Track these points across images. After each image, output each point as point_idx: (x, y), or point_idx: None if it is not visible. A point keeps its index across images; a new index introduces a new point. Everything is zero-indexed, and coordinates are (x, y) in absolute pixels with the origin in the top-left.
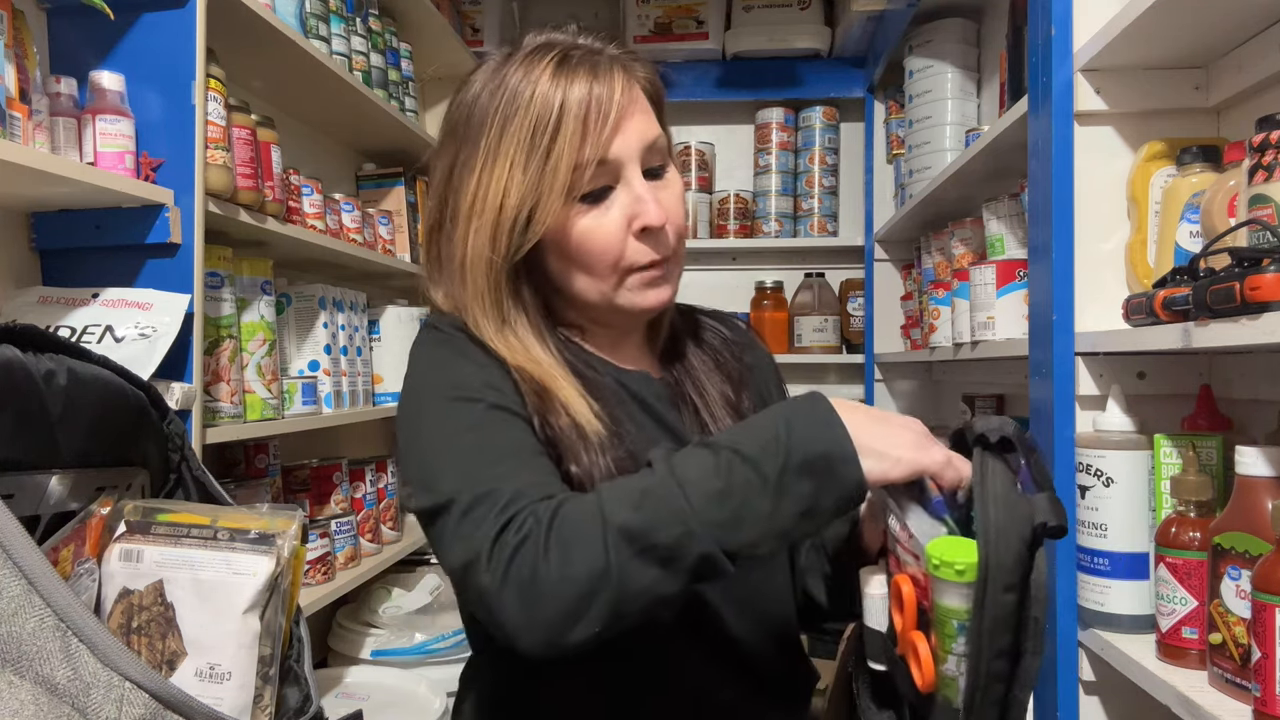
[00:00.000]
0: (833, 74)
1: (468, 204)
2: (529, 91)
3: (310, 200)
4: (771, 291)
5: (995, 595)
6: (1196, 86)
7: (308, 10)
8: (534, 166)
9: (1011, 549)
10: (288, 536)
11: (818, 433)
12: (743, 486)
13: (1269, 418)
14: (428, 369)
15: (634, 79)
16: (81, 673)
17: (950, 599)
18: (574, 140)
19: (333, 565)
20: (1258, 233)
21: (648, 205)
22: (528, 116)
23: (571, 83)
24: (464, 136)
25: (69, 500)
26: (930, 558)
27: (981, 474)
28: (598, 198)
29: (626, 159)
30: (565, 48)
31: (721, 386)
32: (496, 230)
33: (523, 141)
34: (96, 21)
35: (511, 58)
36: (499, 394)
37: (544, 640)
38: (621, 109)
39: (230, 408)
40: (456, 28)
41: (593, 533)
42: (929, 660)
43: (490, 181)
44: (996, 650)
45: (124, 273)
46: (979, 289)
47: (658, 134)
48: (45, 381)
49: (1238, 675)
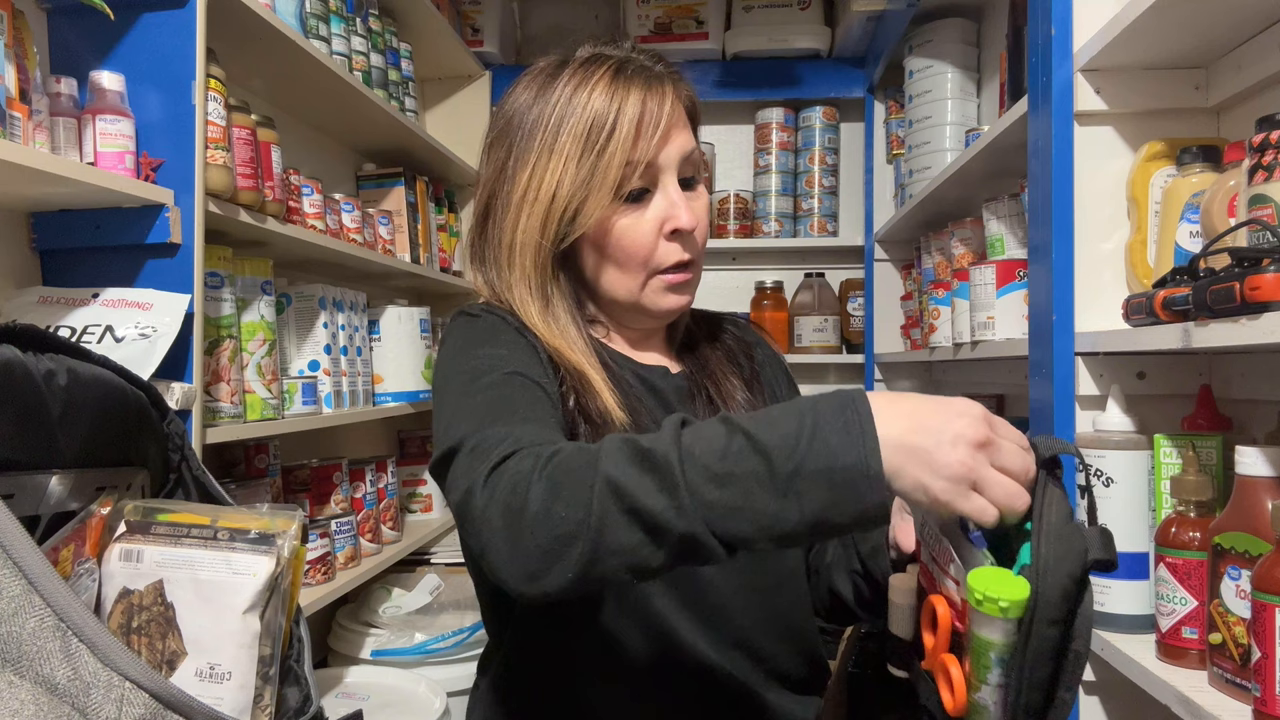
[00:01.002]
0: (832, 74)
1: (520, 193)
2: (586, 95)
3: (310, 200)
4: (771, 291)
5: (1040, 630)
6: (1196, 86)
7: (308, 10)
8: (587, 163)
9: (1060, 586)
10: (288, 536)
11: (844, 442)
12: (748, 476)
13: (1269, 418)
14: (456, 347)
15: (679, 96)
16: (81, 673)
17: (990, 632)
18: (626, 143)
19: (333, 565)
20: (1258, 233)
21: (680, 210)
22: (585, 116)
23: (628, 90)
24: (519, 134)
25: (69, 500)
26: (973, 591)
27: (1041, 505)
28: (637, 198)
29: (667, 166)
30: (620, 60)
31: (735, 381)
32: (547, 218)
33: (579, 138)
34: (96, 21)
35: (565, 67)
36: (523, 365)
37: (523, 574)
38: (670, 120)
39: (230, 408)
40: (456, 28)
41: (584, 477)
42: (961, 686)
43: (545, 173)
44: (1034, 683)
45: (124, 273)
46: (979, 289)
47: (694, 147)
48: (45, 381)
49: (1238, 675)
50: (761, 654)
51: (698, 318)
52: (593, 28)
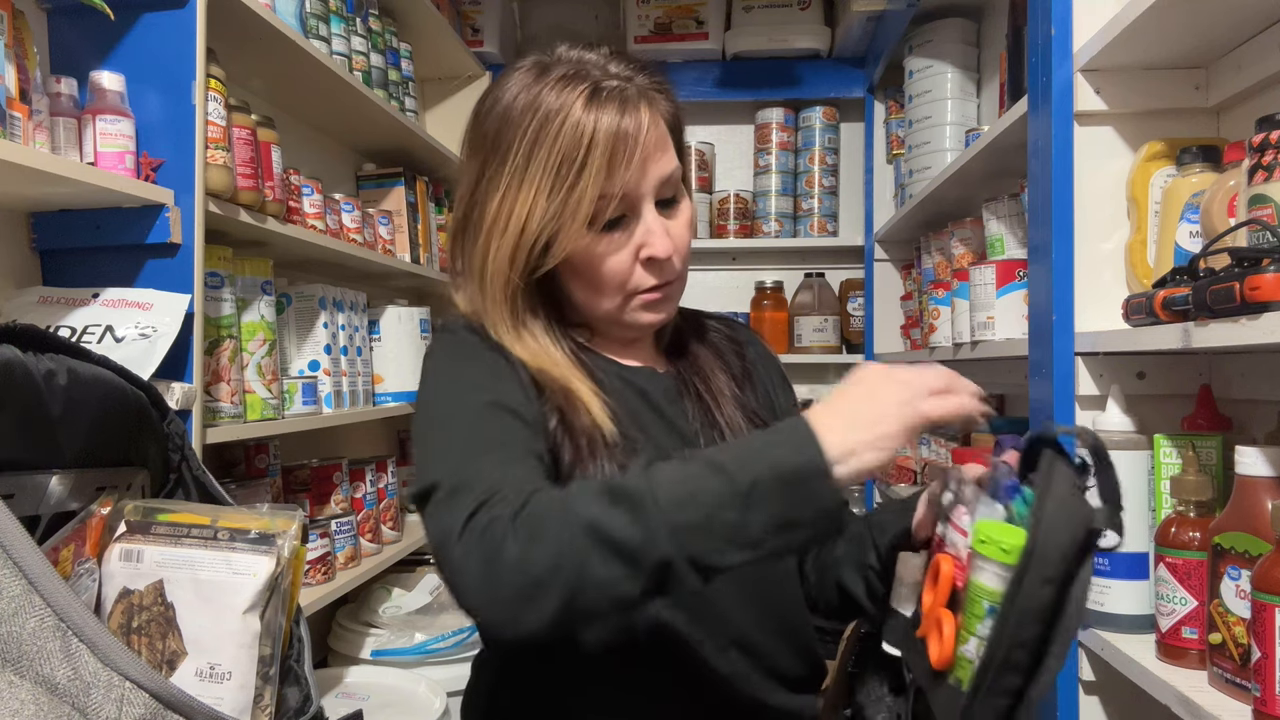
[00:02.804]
0: (833, 74)
1: (490, 220)
2: (559, 120)
3: (310, 200)
4: (771, 291)
5: (1032, 583)
6: (1196, 86)
7: (308, 10)
8: (558, 197)
9: (1059, 544)
10: (288, 536)
11: (792, 449)
12: (712, 494)
13: (1269, 418)
14: (436, 373)
15: (658, 112)
16: (82, 673)
17: (987, 578)
18: (599, 177)
19: (333, 565)
20: (1258, 233)
21: (656, 239)
22: (556, 146)
23: (601, 117)
24: (492, 149)
25: (69, 500)
26: (978, 531)
27: (1047, 471)
28: (612, 226)
29: (645, 195)
30: (597, 80)
31: (726, 378)
32: (516, 250)
33: (549, 170)
34: (96, 21)
35: (546, 74)
36: (502, 394)
37: (500, 620)
38: (645, 148)
39: (230, 408)
40: (456, 28)
41: (558, 521)
42: (950, 637)
43: (514, 203)
44: (1020, 640)
45: (124, 273)
46: (979, 289)
47: (674, 168)
48: (45, 381)
49: (1237, 675)
50: (759, 652)
51: (688, 316)
52: (593, 28)
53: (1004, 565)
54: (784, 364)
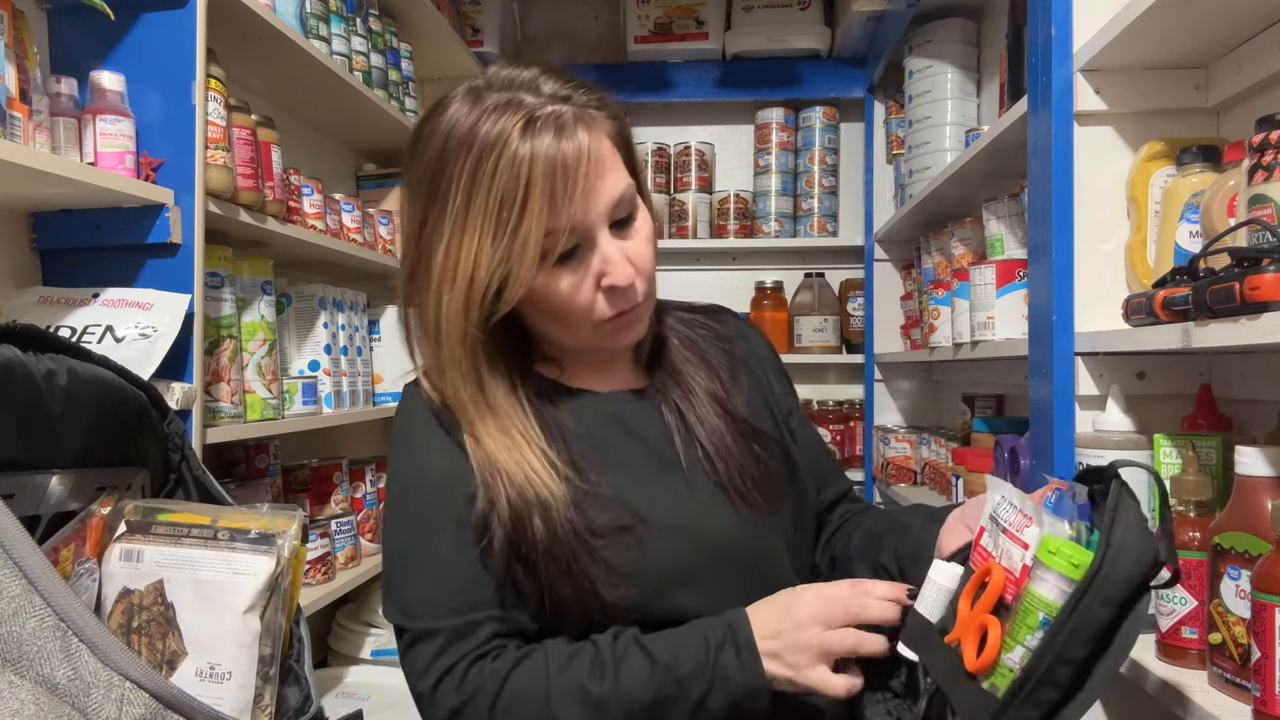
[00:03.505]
0: (832, 74)
1: (438, 270)
2: (494, 156)
3: (310, 200)
4: (771, 291)
5: (1092, 602)
6: (1196, 86)
7: (308, 10)
8: (503, 241)
9: (1126, 568)
10: (288, 536)
11: (737, 670)
12: (669, 702)
13: (1269, 418)
14: (395, 461)
15: (600, 131)
16: (82, 673)
17: (1046, 589)
18: (541, 216)
19: (333, 565)
20: (1257, 233)
21: (615, 267)
22: (494, 187)
23: (537, 150)
24: (430, 195)
25: (69, 500)
26: (1046, 543)
27: (1118, 498)
28: (567, 257)
29: (595, 222)
30: (532, 108)
31: (708, 383)
32: (468, 302)
33: (490, 214)
34: (96, 21)
35: (478, 103)
36: (444, 499)
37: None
38: (589, 175)
39: (230, 408)
40: (456, 28)
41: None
42: (996, 644)
43: (459, 252)
44: (1067, 656)
45: (124, 273)
46: (979, 289)
47: (624, 187)
48: (45, 381)
49: (1237, 675)
50: None
51: (673, 316)
52: (593, 28)
53: (1068, 580)
54: (784, 365)
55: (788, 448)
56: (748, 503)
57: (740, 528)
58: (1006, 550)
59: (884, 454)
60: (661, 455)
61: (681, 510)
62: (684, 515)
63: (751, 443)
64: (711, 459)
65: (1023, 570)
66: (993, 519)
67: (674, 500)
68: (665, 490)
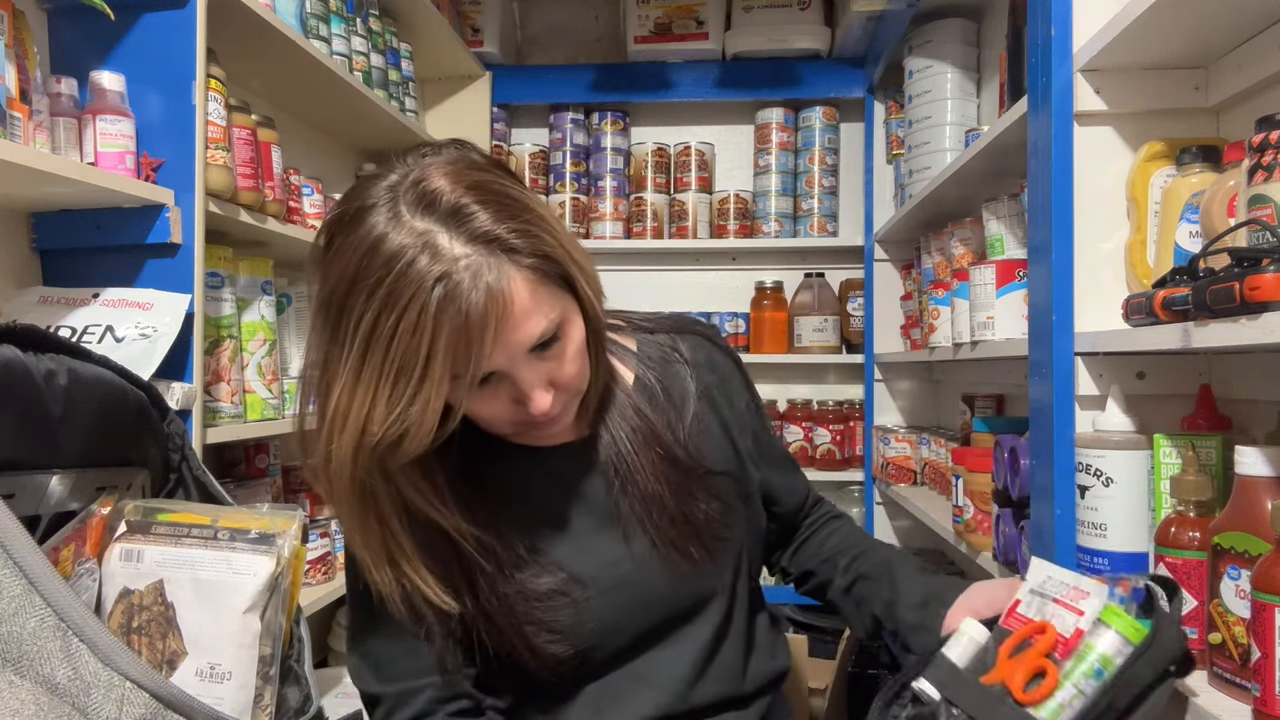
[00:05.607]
0: (832, 74)
1: (331, 409)
2: (394, 317)
3: (310, 200)
4: (771, 291)
5: (1145, 662)
6: (1196, 86)
7: (308, 10)
8: (398, 406)
9: (1169, 645)
10: (288, 536)
11: None
12: None
13: (1269, 418)
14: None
15: (519, 268)
16: (82, 672)
17: (1105, 644)
18: (442, 383)
19: (333, 565)
20: (1257, 233)
21: (532, 400)
22: (392, 352)
23: (441, 321)
24: (333, 330)
25: (69, 500)
26: (1111, 609)
27: (1173, 598)
28: (484, 382)
29: (510, 362)
30: (446, 262)
31: (653, 426)
32: (358, 451)
33: (386, 378)
34: (96, 21)
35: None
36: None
37: None
38: (500, 331)
39: (230, 408)
40: (456, 28)
41: None
42: (1054, 680)
43: (351, 401)
44: (1113, 702)
45: (124, 273)
46: (979, 289)
47: (546, 323)
48: (46, 382)
49: (1237, 675)
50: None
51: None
52: (593, 28)
53: (1126, 641)
54: (784, 364)
55: (742, 476)
56: (683, 555)
57: (674, 586)
58: (1057, 615)
59: (884, 454)
60: (600, 510)
61: (619, 570)
62: (620, 575)
63: (694, 489)
64: (650, 514)
65: (1075, 632)
66: (1035, 593)
67: (612, 559)
68: (602, 547)
